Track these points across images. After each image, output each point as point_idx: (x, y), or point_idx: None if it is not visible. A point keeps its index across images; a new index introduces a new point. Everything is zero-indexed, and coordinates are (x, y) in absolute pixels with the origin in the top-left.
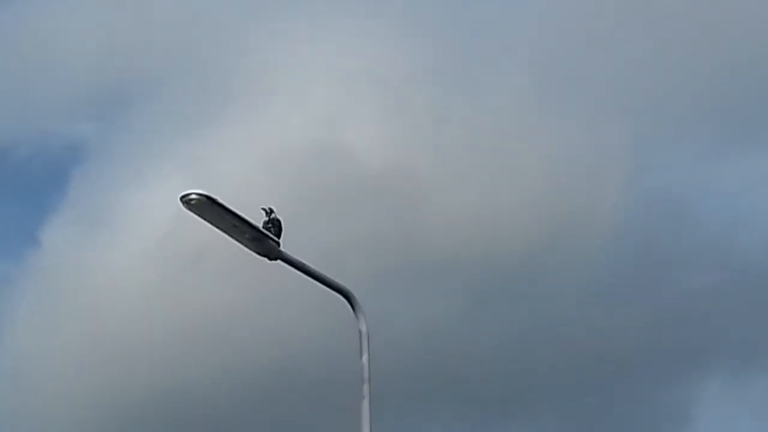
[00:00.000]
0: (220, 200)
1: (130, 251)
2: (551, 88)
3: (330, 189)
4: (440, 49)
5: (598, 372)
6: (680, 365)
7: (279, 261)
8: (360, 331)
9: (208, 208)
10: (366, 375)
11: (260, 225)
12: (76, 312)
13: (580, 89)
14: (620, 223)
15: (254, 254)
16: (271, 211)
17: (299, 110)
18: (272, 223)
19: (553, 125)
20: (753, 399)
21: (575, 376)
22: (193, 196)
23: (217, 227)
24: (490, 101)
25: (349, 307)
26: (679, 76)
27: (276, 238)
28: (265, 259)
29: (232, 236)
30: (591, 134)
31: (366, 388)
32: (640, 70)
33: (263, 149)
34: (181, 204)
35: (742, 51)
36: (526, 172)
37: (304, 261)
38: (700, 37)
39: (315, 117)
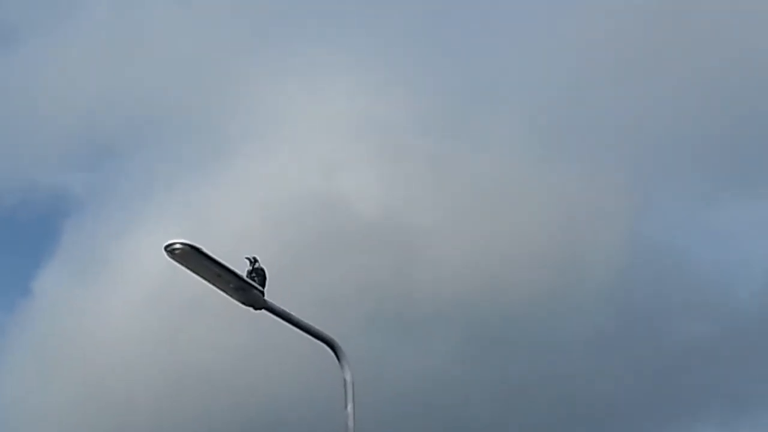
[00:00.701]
0: (205, 250)
1: (123, 300)
2: (550, 137)
3: (326, 237)
4: (439, 98)
5: (592, 420)
6: (673, 412)
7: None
8: (345, 380)
9: (192, 257)
10: (351, 424)
11: (245, 274)
12: (68, 360)
13: (579, 138)
14: (617, 273)
15: (239, 304)
16: (255, 260)
17: (296, 159)
18: (256, 273)
19: (551, 175)
20: None
21: (569, 424)
22: (177, 246)
23: (201, 277)
24: (488, 149)
25: (333, 356)
26: (677, 127)
27: (260, 288)
28: (251, 309)
29: (216, 286)
30: (589, 184)
31: None
32: (638, 119)
33: (259, 198)
34: (165, 254)
35: (739, 103)
36: (523, 222)
37: (289, 311)
38: (698, 87)
39: (312, 166)
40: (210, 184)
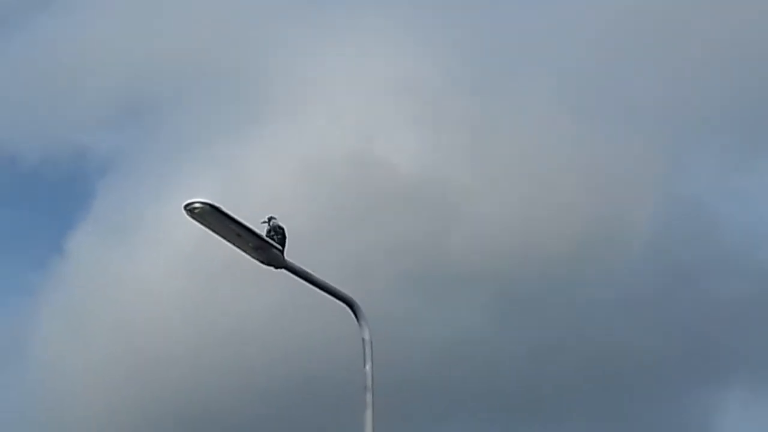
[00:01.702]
0: (224, 209)
1: (155, 261)
2: (583, 101)
3: (363, 199)
4: (474, 59)
5: (621, 382)
6: (702, 375)
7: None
8: (363, 340)
9: (211, 216)
10: (369, 383)
11: (263, 234)
12: (101, 321)
13: (611, 101)
14: (647, 233)
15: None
16: (272, 218)
17: (334, 121)
18: (275, 231)
19: (584, 138)
20: None
21: (598, 385)
22: (197, 205)
23: (221, 236)
24: (522, 112)
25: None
26: (711, 86)
27: (279, 247)
28: (271, 269)
29: (235, 245)
30: (622, 146)
31: (369, 396)
32: (669, 81)
33: (296, 160)
34: (185, 213)
35: None
36: (557, 184)
37: (311, 271)
38: (733, 48)
39: (350, 127)
40: (246, 146)
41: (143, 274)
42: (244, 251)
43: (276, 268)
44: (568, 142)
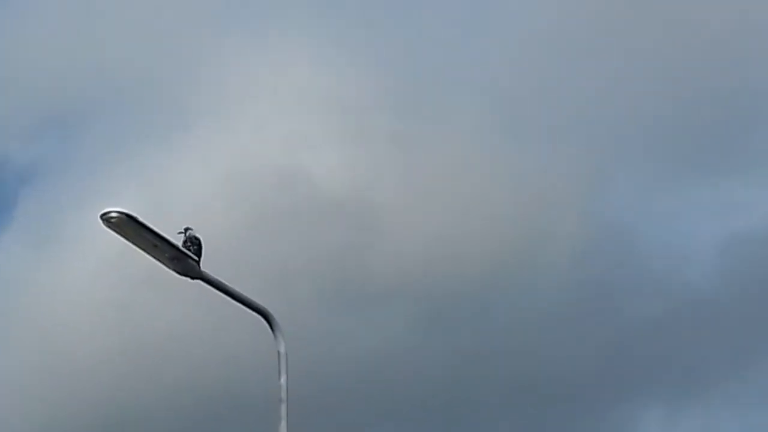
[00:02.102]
0: (140, 219)
1: (78, 272)
2: (509, 119)
3: (287, 211)
4: (400, 75)
5: (540, 397)
6: (621, 391)
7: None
8: (278, 352)
9: (128, 226)
10: (284, 396)
11: (180, 244)
12: (21, 330)
13: (536, 121)
14: (569, 251)
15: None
16: (188, 229)
17: (257, 135)
18: (191, 242)
19: (508, 156)
20: (692, 427)
21: (518, 400)
22: (114, 215)
23: (137, 246)
24: (449, 128)
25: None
26: (630, 107)
27: (195, 258)
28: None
29: (152, 255)
30: (545, 165)
31: (284, 409)
32: (596, 100)
33: (219, 172)
34: (101, 222)
35: (692, 85)
36: (482, 201)
37: (226, 281)
38: (657, 67)
39: (274, 140)
40: (170, 157)
41: (65, 283)
42: (161, 261)
43: (192, 278)
44: (493, 159)
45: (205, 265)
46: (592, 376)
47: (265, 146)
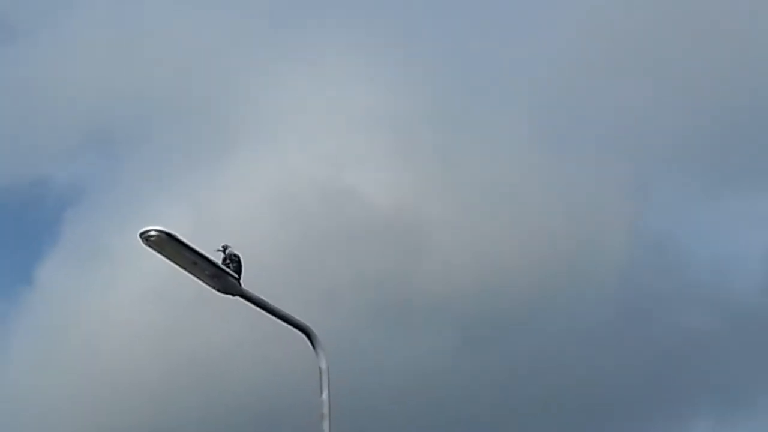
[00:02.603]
0: (180, 237)
1: (124, 292)
2: (555, 133)
3: (334, 229)
4: (447, 92)
5: (586, 413)
6: (668, 407)
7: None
8: (320, 368)
9: (167, 244)
10: (326, 411)
11: (219, 262)
12: (68, 351)
13: (583, 134)
14: (615, 265)
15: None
16: (226, 247)
17: (306, 151)
18: (230, 259)
19: (555, 170)
20: None
21: (562, 416)
22: (153, 233)
23: (177, 264)
24: (496, 144)
25: (309, 343)
26: (676, 120)
27: (235, 275)
28: (229, 296)
29: (192, 273)
30: (592, 179)
31: (326, 425)
32: (639, 114)
33: (266, 191)
34: (140, 241)
35: (738, 94)
36: (527, 216)
37: (264, 297)
38: (697, 81)
39: (321, 158)
40: (217, 177)
41: (109, 304)
42: (201, 279)
43: (233, 296)
44: (538, 175)
45: (254, 284)
46: (639, 390)
47: (311, 165)
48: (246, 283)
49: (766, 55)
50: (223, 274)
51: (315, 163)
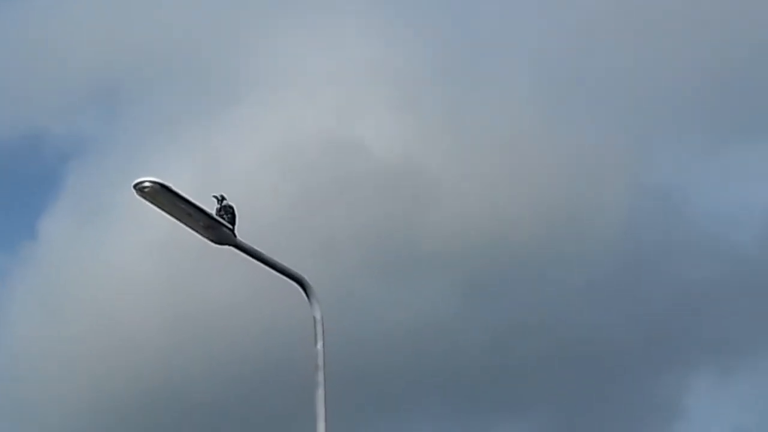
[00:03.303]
0: (174, 188)
1: (126, 245)
2: (557, 89)
3: (337, 181)
4: (452, 46)
5: (590, 365)
6: (671, 358)
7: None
8: (314, 318)
9: (161, 195)
10: (320, 363)
11: (213, 212)
12: (72, 304)
13: (584, 89)
14: (616, 218)
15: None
16: (223, 198)
17: (309, 104)
18: (224, 210)
19: (560, 124)
20: (741, 392)
21: (566, 369)
22: (147, 184)
23: (171, 215)
24: (500, 98)
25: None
26: (676, 74)
27: (229, 225)
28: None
29: (186, 224)
30: (594, 133)
31: (321, 375)
32: (641, 69)
33: (271, 142)
34: (134, 192)
35: (737, 49)
36: (531, 170)
37: (259, 249)
38: (696, 36)
39: (325, 110)
40: (219, 130)
41: (112, 257)
42: (195, 230)
43: (227, 246)
44: (541, 129)
45: (258, 236)
46: (642, 342)
47: (316, 117)
48: (250, 235)
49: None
50: (218, 225)
51: (319, 116)
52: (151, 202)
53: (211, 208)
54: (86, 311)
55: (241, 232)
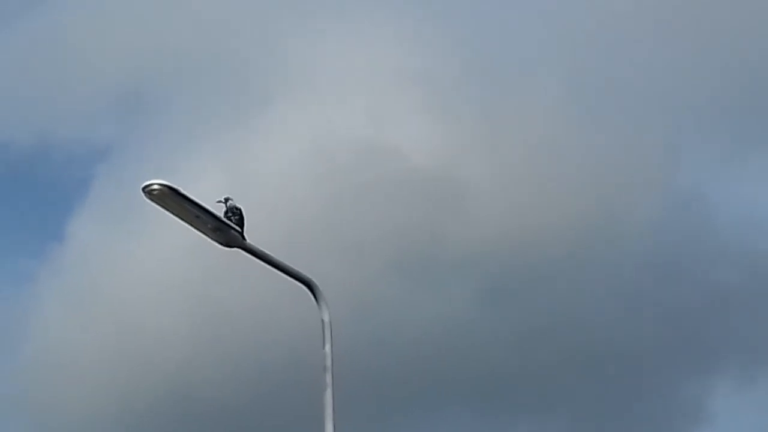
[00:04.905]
0: (182, 191)
1: (154, 247)
2: (591, 93)
3: (370, 185)
4: (487, 51)
5: (614, 369)
6: (696, 362)
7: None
8: (323, 321)
9: (170, 198)
10: (329, 364)
11: (222, 215)
12: (99, 306)
13: (616, 97)
14: (643, 223)
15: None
16: (228, 199)
17: (343, 107)
18: (232, 212)
19: (590, 129)
20: (766, 396)
21: (589, 373)
22: (155, 187)
23: (179, 218)
24: (533, 104)
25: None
26: (706, 80)
27: (237, 228)
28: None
29: (195, 227)
30: (620, 138)
31: (329, 377)
32: (671, 74)
33: (303, 146)
34: (143, 195)
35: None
36: (562, 175)
37: (266, 251)
38: (727, 41)
39: (358, 114)
40: (251, 133)
41: (141, 259)
42: (203, 233)
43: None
44: (571, 133)
45: (286, 239)
46: (666, 346)
47: (348, 120)
48: (278, 237)
49: None
50: (226, 227)
51: (351, 119)
52: (160, 205)
53: (217, 208)
54: (112, 313)
55: (270, 233)
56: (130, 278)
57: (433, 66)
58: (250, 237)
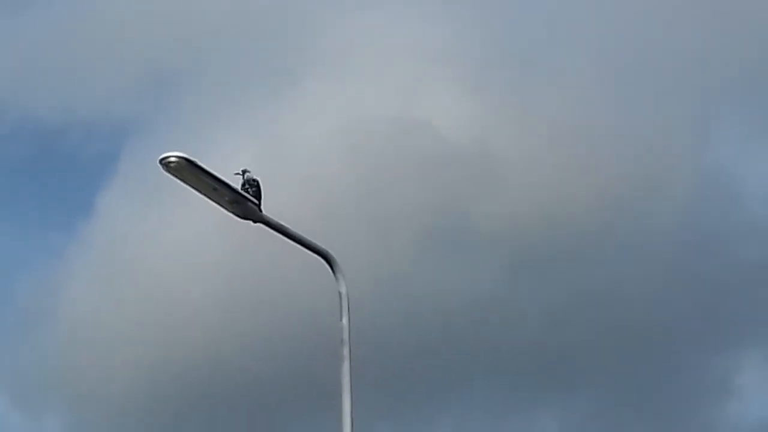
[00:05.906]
0: (200, 163)
1: (184, 224)
2: (621, 70)
3: (401, 162)
4: (518, 29)
5: (642, 345)
6: (725, 338)
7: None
8: (340, 293)
9: (187, 170)
10: (345, 337)
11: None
12: (129, 281)
13: (647, 72)
14: (676, 201)
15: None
16: (245, 171)
17: (375, 83)
18: (249, 184)
19: (620, 108)
20: None
21: (618, 348)
22: (172, 159)
23: (197, 190)
24: (563, 83)
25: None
26: (736, 58)
27: (255, 200)
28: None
29: (212, 199)
30: (656, 115)
31: (346, 350)
32: (698, 54)
33: (336, 122)
34: (160, 167)
35: None
36: (592, 153)
37: (286, 224)
38: (758, 19)
39: (391, 90)
40: (283, 109)
41: (171, 234)
42: (220, 205)
43: (253, 222)
44: (602, 112)
45: (317, 213)
46: (696, 323)
47: (381, 96)
48: (309, 213)
49: None
50: (243, 200)
51: (384, 95)
52: (177, 177)
53: (235, 180)
54: (142, 287)
55: (303, 208)
56: (159, 252)
57: (468, 43)
58: (282, 212)
